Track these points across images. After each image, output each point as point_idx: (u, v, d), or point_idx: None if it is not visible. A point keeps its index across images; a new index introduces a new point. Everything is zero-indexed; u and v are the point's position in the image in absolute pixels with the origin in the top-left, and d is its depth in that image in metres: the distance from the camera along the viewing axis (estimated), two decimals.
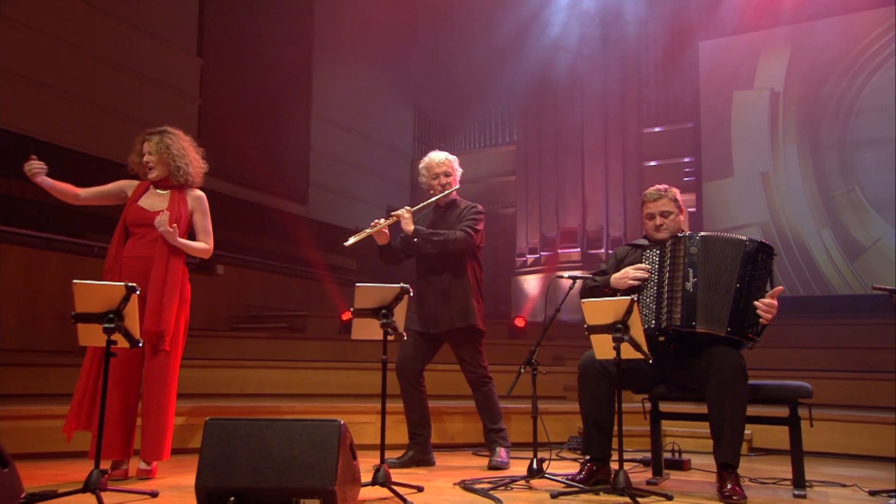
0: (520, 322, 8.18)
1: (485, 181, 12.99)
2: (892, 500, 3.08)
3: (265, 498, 2.56)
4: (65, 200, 3.67)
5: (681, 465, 4.10)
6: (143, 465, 3.51)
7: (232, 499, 2.55)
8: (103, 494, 2.78)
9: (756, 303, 3.29)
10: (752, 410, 4.05)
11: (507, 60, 12.13)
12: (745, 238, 3.44)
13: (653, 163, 11.96)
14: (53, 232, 6.81)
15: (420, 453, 4.10)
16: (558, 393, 6.17)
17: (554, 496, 3.07)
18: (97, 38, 8.34)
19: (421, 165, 4.24)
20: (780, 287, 3.35)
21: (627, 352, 3.07)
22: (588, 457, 3.42)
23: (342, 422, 2.67)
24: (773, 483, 3.62)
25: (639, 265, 3.53)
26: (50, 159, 3.62)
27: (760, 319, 3.28)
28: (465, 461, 4.34)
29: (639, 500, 3.01)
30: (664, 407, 3.76)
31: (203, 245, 3.74)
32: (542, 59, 11.92)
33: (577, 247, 11.63)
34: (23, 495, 2.65)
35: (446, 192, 4.17)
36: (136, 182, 3.75)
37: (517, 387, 3.42)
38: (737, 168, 10.51)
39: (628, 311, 3.02)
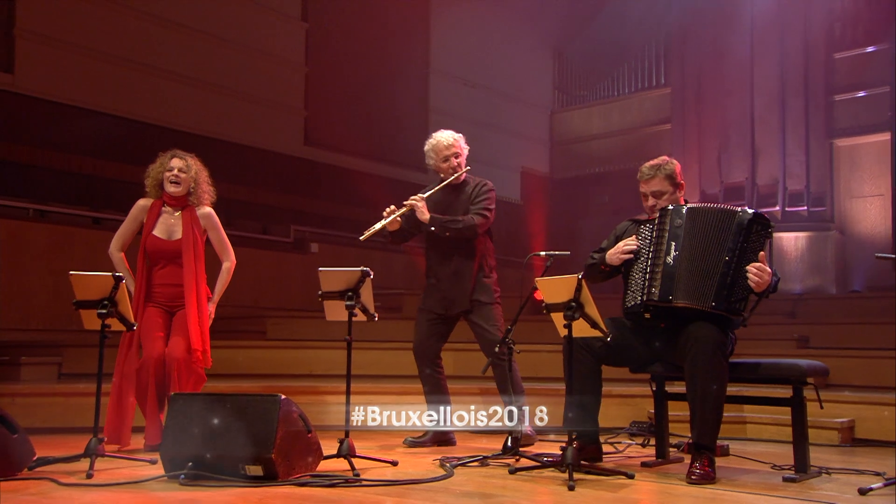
0: None
1: (635, 132, 13.23)
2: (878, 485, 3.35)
3: (216, 463, 3.40)
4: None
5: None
6: None
7: (189, 464, 3.42)
8: (105, 461, 3.77)
9: (748, 266, 3.64)
10: (756, 391, 4.37)
11: None
12: (738, 209, 3.79)
13: (860, 93, 11.63)
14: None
15: (440, 433, 4.79)
16: (622, 375, 6.54)
17: (512, 472, 3.67)
18: (193, 9, 9.59)
19: (427, 147, 4.86)
20: (769, 271, 3.67)
21: (586, 330, 3.59)
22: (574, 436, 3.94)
23: (283, 396, 3.46)
24: (790, 468, 3.91)
25: (628, 239, 3.98)
26: (156, 141, 4.47)
27: (751, 284, 3.62)
28: (494, 443, 4.96)
29: (598, 477, 3.57)
30: (674, 388, 4.18)
31: (226, 271, 4.71)
32: None
33: (744, 205, 11.59)
34: (34, 458, 3.68)
35: (457, 174, 4.78)
36: (149, 202, 4.65)
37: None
38: None
39: (578, 289, 3.52)
